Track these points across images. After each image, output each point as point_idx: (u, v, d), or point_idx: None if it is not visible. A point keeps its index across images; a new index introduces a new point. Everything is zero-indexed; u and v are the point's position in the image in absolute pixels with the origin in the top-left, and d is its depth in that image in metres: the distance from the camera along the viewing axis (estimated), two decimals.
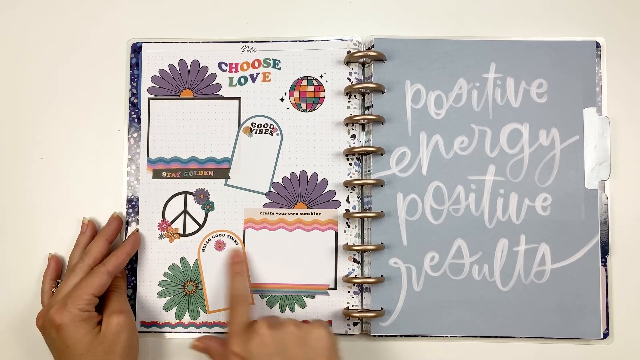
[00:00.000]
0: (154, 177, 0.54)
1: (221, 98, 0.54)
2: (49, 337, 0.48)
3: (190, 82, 0.54)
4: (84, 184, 0.55)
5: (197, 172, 0.54)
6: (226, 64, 0.55)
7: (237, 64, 0.55)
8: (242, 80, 0.54)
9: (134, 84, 0.55)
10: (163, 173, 0.54)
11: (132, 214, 0.54)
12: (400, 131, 0.53)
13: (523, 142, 0.53)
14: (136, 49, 0.55)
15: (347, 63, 0.54)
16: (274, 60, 0.55)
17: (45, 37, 0.56)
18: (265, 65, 0.54)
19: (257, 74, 0.54)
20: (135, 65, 0.55)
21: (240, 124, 0.54)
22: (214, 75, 0.54)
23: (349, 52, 0.54)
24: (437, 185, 0.53)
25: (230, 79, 0.54)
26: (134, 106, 0.54)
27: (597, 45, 0.54)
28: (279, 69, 0.54)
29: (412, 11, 0.56)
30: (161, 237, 0.54)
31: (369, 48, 0.54)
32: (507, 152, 0.53)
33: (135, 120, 0.54)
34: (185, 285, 0.53)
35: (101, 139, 0.55)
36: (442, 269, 0.53)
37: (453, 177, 0.53)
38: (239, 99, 0.54)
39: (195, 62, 0.54)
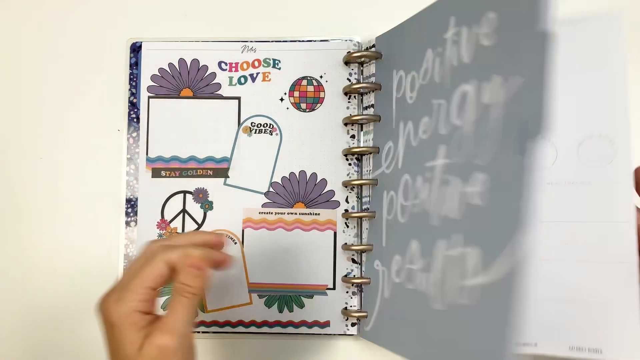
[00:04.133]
0: (152, 176, 0.54)
1: (221, 97, 0.54)
2: (102, 329, 0.38)
3: (190, 81, 0.54)
4: (83, 184, 0.55)
5: (196, 172, 0.54)
6: (226, 64, 0.55)
7: (237, 64, 0.55)
8: (242, 80, 0.55)
9: (133, 84, 0.55)
10: (162, 172, 0.54)
11: (132, 214, 0.54)
12: (390, 126, 0.49)
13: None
14: (135, 49, 0.55)
15: (347, 63, 0.54)
16: (274, 60, 0.55)
17: (44, 37, 0.56)
18: (265, 65, 0.55)
19: (257, 73, 0.55)
20: (135, 65, 0.55)
21: (239, 124, 0.54)
22: (213, 75, 0.54)
23: (348, 52, 0.54)
24: (407, 178, 0.45)
25: (230, 78, 0.55)
26: (133, 106, 0.55)
27: None
28: (279, 68, 0.54)
29: (412, 12, 0.55)
30: (160, 236, 0.54)
31: (366, 48, 0.54)
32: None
33: (135, 120, 0.54)
34: None
35: (100, 139, 0.55)
36: (402, 275, 0.44)
37: (416, 166, 0.44)
38: (238, 98, 0.54)
39: (195, 61, 0.55)
